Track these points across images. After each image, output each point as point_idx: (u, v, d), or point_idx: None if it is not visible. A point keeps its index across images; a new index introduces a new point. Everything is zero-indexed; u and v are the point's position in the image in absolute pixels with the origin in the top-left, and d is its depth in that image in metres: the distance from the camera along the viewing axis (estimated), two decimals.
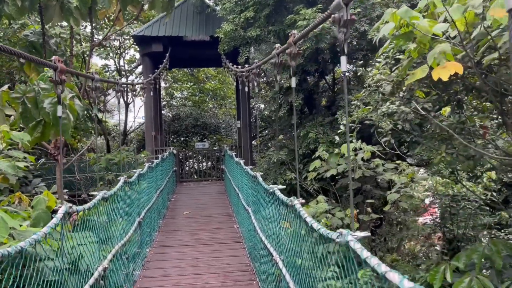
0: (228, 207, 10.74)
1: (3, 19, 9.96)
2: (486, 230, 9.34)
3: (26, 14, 12.18)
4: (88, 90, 4.89)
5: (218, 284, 5.53)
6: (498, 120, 6.57)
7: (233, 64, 10.87)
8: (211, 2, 15.60)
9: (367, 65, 11.92)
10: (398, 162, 9.40)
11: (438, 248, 11.11)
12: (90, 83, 5.19)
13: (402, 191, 8.18)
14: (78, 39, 16.62)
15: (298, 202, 3.04)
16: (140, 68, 19.38)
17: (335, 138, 8.70)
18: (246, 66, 9.26)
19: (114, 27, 12.76)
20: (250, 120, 16.40)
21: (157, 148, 14.37)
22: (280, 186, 4.13)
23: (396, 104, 5.84)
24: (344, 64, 2.87)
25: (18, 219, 4.32)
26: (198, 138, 20.93)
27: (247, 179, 7.22)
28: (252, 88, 6.33)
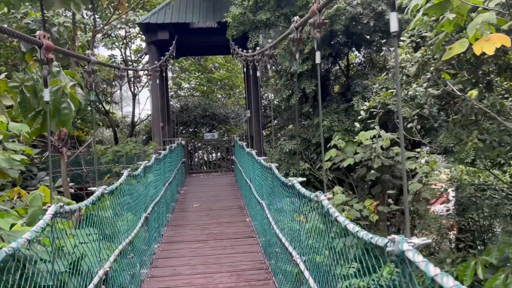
0: (239, 199, 10.34)
1: (2, 6, 9.57)
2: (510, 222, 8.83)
3: (26, 2, 11.77)
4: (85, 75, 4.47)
5: (232, 284, 5.12)
6: None
7: (242, 50, 10.38)
8: None
9: (382, 48, 11.35)
10: (418, 150, 8.91)
11: (452, 237, 10.76)
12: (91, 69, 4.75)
13: (424, 180, 7.68)
14: (82, 28, 16.22)
15: (325, 198, 2.59)
16: (147, 58, 18.94)
17: (355, 125, 8.18)
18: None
19: (118, 11, 12.30)
20: (260, 108, 15.92)
21: (165, 139, 13.99)
22: (300, 179, 3.67)
23: (423, 86, 5.32)
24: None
25: (11, 218, 3.95)
26: (207, 129, 20.55)
27: (259, 171, 6.77)
28: (265, 71, 5.86)
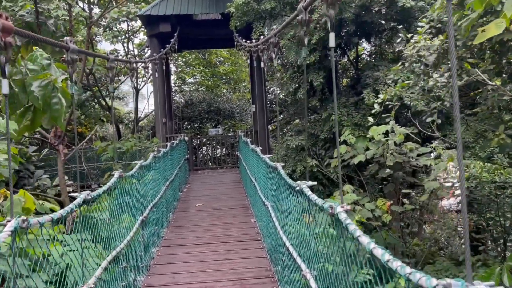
0: (244, 197, 9.88)
1: None
2: None
3: None
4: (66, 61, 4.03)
5: None
6: None
7: (246, 41, 9.88)
8: None
9: (393, 38, 10.77)
10: (434, 145, 8.39)
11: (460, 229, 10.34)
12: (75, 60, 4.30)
13: (441, 179, 7.17)
14: (83, 21, 15.78)
15: (342, 210, 2.11)
16: (150, 52, 18.48)
17: (368, 119, 7.67)
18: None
19: (115, 2, 11.83)
20: (266, 102, 15.42)
21: (168, 135, 13.55)
22: (310, 183, 3.18)
23: (445, 76, 4.80)
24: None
25: None
26: (212, 124, 20.10)
27: (264, 170, 6.30)
28: (270, 60, 5.38)
